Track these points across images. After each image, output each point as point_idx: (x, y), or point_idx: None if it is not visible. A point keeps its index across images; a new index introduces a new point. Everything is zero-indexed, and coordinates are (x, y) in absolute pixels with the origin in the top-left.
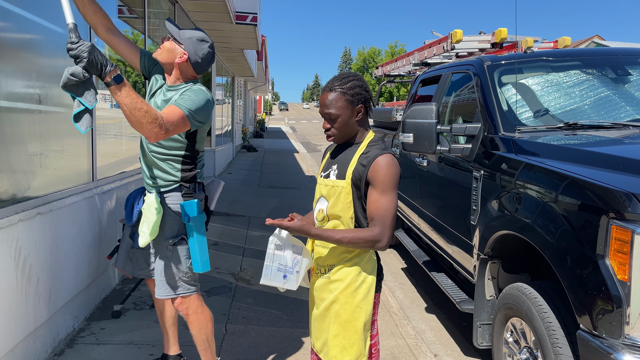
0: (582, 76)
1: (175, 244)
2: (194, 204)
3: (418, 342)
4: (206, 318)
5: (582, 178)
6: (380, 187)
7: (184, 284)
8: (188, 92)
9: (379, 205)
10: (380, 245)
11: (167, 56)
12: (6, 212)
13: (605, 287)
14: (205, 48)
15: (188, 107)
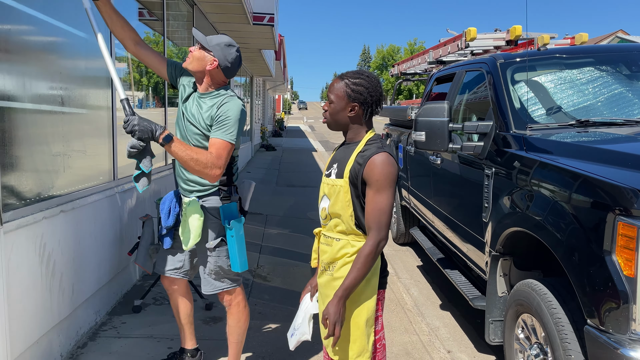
0: (595, 73)
1: (217, 245)
2: (233, 206)
3: (432, 338)
4: (246, 312)
5: (590, 175)
6: (375, 186)
7: (228, 280)
8: (223, 114)
9: (374, 205)
10: (382, 245)
11: (197, 64)
12: (31, 210)
13: (611, 283)
14: (234, 52)
15: (229, 134)
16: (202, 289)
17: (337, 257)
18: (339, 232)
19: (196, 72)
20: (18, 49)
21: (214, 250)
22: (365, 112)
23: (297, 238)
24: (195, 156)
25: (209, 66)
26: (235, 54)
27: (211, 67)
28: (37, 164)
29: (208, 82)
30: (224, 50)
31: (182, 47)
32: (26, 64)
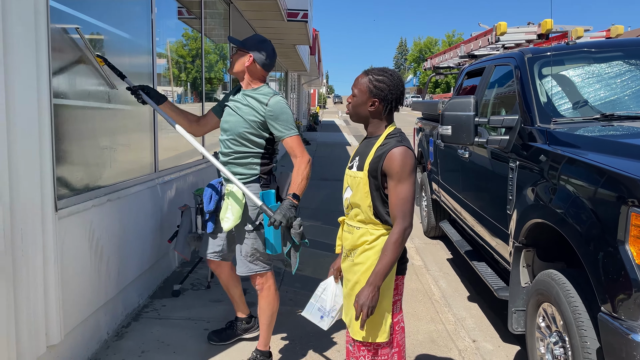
0: (624, 67)
1: (254, 229)
2: (271, 193)
3: (457, 328)
4: (276, 295)
5: (606, 167)
6: (395, 178)
7: (261, 263)
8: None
9: (397, 196)
10: (408, 233)
11: (237, 65)
12: (82, 199)
13: (624, 271)
14: (266, 46)
15: (293, 128)
16: (237, 270)
17: (357, 244)
18: (359, 221)
19: (238, 73)
20: (70, 50)
21: (252, 232)
22: (385, 108)
23: (328, 230)
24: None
25: (247, 63)
26: (268, 48)
27: (249, 63)
28: (87, 157)
29: (249, 78)
30: (257, 47)
31: (219, 43)
32: (77, 63)
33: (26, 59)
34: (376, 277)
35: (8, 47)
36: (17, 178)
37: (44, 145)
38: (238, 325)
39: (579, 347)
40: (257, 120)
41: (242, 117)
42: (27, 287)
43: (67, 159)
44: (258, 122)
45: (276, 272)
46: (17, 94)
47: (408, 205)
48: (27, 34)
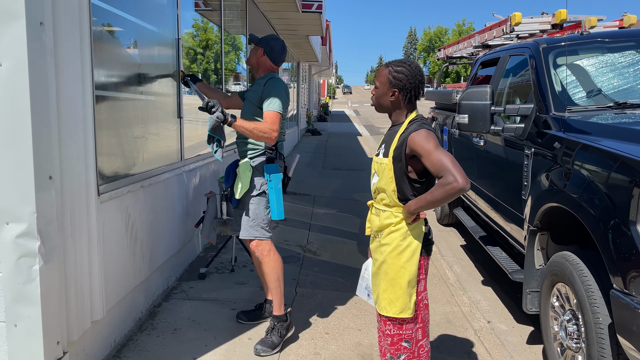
0: (636, 56)
1: (258, 195)
2: (275, 166)
3: (472, 309)
4: (278, 260)
5: (619, 153)
6: (424, 152)
7: (262, 230)
8: (269, 90)
9: (434, 162)
10: (458, 185)
11: (252, 57)
12: (119, 184)
13: (636, 250)
14: (277, 43)
15: (276, 106)
16: (240, 234)
17: (384, 225)
18: (385, 204)
19: (252, 64)
20: (106, 43)
21: (255, 198)
22: (405, 97)
23: (343, 217)
24: (256, 126)
25: (259, 55)
26: (278, 44)
27: (260, 56)
28: (122, 146)
29: (260, 69)
30: (269, 43)
31: (235, 35)
32: (112, 56)
33: (72, 52)
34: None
35: (58, 42)
36: (66, 164)
37: (88, 133)
38: (266, 308)
39: (591, 323)
40: (258, 99)
41: (249, 99)
42: (74, 266)
43: (105, 147)
44: (259, 100)
45: (295, 257)
46: (65, 84)
47: (444, 164)
48: (73, 28)
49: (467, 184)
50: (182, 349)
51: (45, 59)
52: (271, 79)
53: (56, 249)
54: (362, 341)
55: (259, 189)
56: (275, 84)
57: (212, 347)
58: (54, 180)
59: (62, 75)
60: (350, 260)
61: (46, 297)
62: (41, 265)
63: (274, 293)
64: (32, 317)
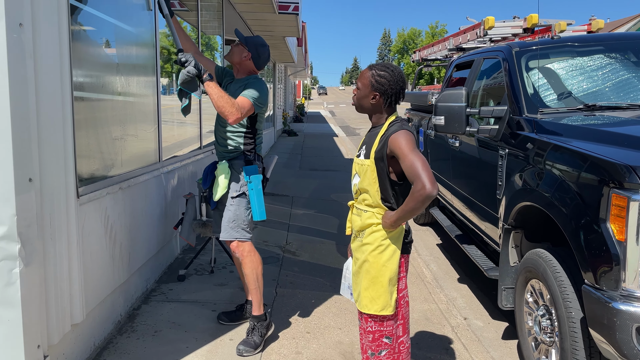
0: (604, 60)
1: (238, 196)
2: (254, 167)
3: (449, 307)
4: (257, 260)
5: (590, 153)
6: (401, 153)
7: (242, 231)
8: (250, 84)
9: (408, 165)
10: (426, 191)
11: (236, 56)
12: (98, 186)
13: (606, 247)
14: (264, 50)
15: (252, 96)
16: (220, 236)
17: (365, 225)
18: (367, 205)
19: (234, 62)
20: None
21: (235, 198)
22: (386, 101)
23: (322, 218)
24: (224, 96)
25: (244, 58)
26: (265, 52)
27: (245, 59)
28: (101, 147)
29: (241, 70)
30: (257, 49)
31: (212, 35)
32: (91, 57)
33: (51, 53)
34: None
35: (37, 43)
36: (46, 166)
37: (67, 134)
38: (247, 308)
39: (564, 318)
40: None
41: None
42: (54, 269)
43: (83, 149)
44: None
45: (275, 258)
46: (44, 85)
47: (417, 168)
48: (52, 29)
49: (434, 189)
50: (163, 350)
51: (25, 60)
52: (254, 78)
53: (36, 251)
54: (343, 339)
55: (239, 190)
56: (257, 82)
57: (193, 348)
58: (34, 182)
59: (41, 76)
60: (329, 260)
61: (27, 301)
62: (21, 269)
63: (253, 293)
64: (12, 321)
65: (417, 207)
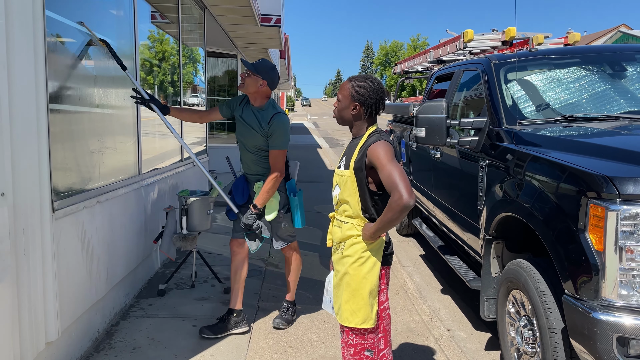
0: (581, 72)
1: (285, 212)
2: (292, 182)
3: (432, 318)
4: (300, 258)
5: (568, 164)
6: (379, 164)
7: (290, 237)
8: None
9: (385, 176)
10: (403, 201)
11: (252, 87)
12: (74, 200)
13: (585, 257)
14: (275, 73)
15: (282, 143)
16: (273, 245)
17: (345, 237)
18: (347, 216)
19: (251, 93)
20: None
21: (283, 215)
22: (366, 111)
23: (305, 230)
24: (271, 188)
25: (260, 87)
26: (276, 74)
27: (262, 87)
28: (79, 160)
29: (259, 98)
30: (269, 74)
31: (194, 47)
32: (68, 69)
33: (26, 64)
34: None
35: (11, 54)
36: (19, 180)
37: (42, 148)
38: (230, 319)
39: (545, 328)
40: (262, 134)
41: (255, 130)
42: (28, 285)
43: (60, 162)
44: (263, 135)
45: (257, 271)
46: (18, 97)
47: (394, 179)
48: (27, 41)
49: (411, 199)
50: None
51: None
52: (277, 114)
53: (9, 268)
54: (325, 353)
55: (284, 207)
56: (282, 122)
57: None
58: (7, 196)
59: (15, 88)
60: (312, 273)
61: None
62: None
63: (293, 284)
64: None
65: (395, 217)
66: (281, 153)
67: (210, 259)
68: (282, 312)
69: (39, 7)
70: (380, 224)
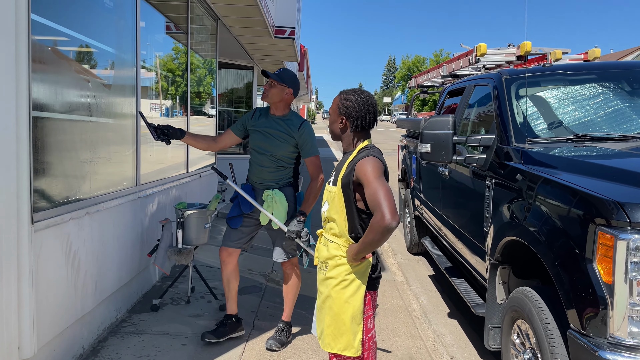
0: (597, 89)
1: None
2: (301, 193)
3: (436, 344)
4: (299, 274)
5: (576, 187)
6: (366, 181)
7: (292, 250)
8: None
9: (370, 194)
10: (385, 222)
11: (277, 97)
12: (59, 211)
13: (592, 289)
14: (298, 82)
15: (316, 148)
16: (274, 257)
17: (330, 257)
18: (333, 234)
19: (276, 102)
20: (52, 62)
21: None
22: (352, 124)
23: None
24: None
25: (286, 95)
26: (297, 80)
27: (287, 96)
28: (67, 170)
29: (282, 105)
30: (293, 81)
31: (206, 58)
32: (59, 76)
33: (5, 69)
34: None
35: None
36: None
37: (22, 157)
38: (229, 324)
39: None
40: (291, 142)
41: (278, 140)
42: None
43: (46, 171)
44: (292, 143)
45: (257, 287)
46: None
47: (380, 199)
48: (7, 45)
49: (393, 221)
50: None
51: None
52: (304, 123)
53: None
54: None
55: (291, 216)
56: (309, 130)
57: None
58: None
59: None
60: (314, 291)
61: None
62: None
63: (289, 303)
64: None
65: (376, 239)
66: (318, 158)
67: (209, 273)
68: (277, 333)
69: (23, 12)
70: (362, 246)
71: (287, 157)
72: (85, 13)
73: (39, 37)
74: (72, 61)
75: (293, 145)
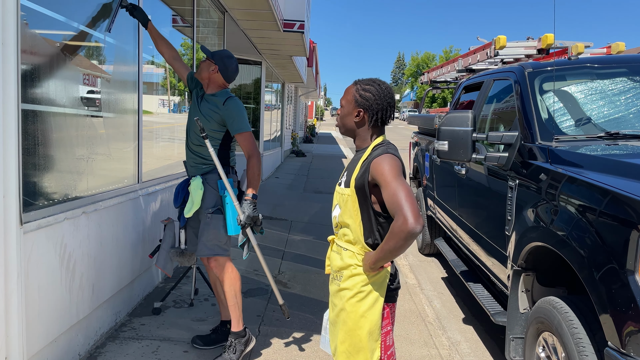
0: (628, 84)
1: (214, 212)
2: (229, 181)
3: (452, 352)
4: (236, 277)
5: (615, 190)
6: (383, 181)
7: (219, 248)
8: (232, 111)
9: (389, 195)
10: (408, 227)
11: (203, 73)
12: (52, 211)
13: (634, 304)
14: (231, 61)
15: (246, 124)
16: (197, 252)
17: (344, 266)
18: (347, 241)
19: (203, 78)
20: (45, 52)
21: (211, 214)
22: (371, 118)
23: (320, 245)
24: (257, 172)
25: (212, 71)
26: (232, 63)
27: (213, 72)
28: (61, 167)
29: (212, 84)
30: (224, 60)
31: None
32: (52, 68)
33: None
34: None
35: None
36: None
37: (9, 153)
38: (222, 331)
39: None
40: (215, 118)
41: (205, 114)
42: None
43: (38, 169)
44: (216, 119)
45: (264, 289)
46: None
47: (401, 201)
48: None
49: (417, 225)
50: None
51: None
52: (229, 98)
53: None
54: None
55: (214, 205)
56: (236, 105)
57: None
58: None
59: None
60: (323, 294)
61: None
62: None
63: (232, 310)
64: None
65: (398, 245)
66: (249, 135)
67: None
68: (224, 351)
69: None
70: (382, 253)
71: (211, 134)
72: (85, 2)
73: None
74: (69, 51)
75: (218, 122)
